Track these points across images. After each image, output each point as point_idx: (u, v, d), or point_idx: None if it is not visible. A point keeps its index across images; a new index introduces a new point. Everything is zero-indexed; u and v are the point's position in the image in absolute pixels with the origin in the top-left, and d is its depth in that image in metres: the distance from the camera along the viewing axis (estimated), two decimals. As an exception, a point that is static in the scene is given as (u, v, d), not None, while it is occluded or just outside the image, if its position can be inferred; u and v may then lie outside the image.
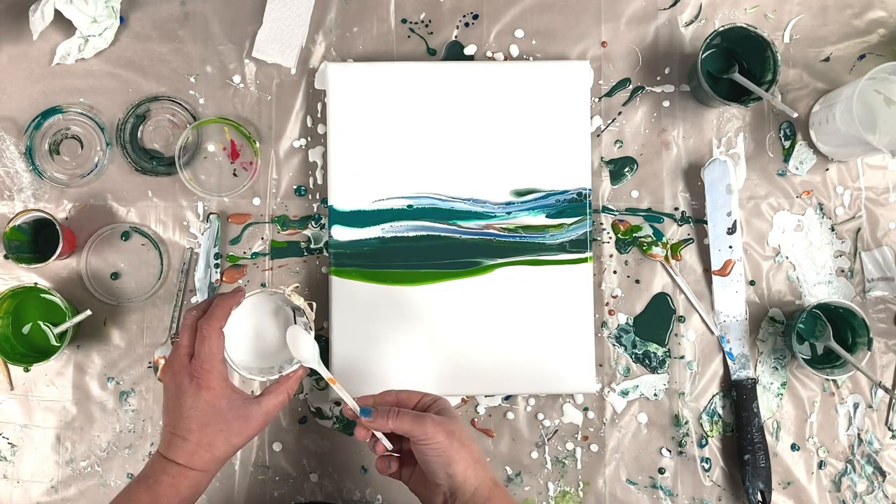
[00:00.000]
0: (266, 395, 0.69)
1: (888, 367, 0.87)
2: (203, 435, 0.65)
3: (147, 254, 0.85)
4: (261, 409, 0.68)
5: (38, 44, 0.85)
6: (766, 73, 0.83)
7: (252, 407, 0.67)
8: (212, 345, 0.66)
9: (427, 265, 0.83)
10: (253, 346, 0.73)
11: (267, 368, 0.73)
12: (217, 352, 0.66)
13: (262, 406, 0.68)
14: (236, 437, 0.66)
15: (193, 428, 0.65)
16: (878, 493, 0.86)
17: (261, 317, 0.74)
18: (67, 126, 0.85)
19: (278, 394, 0.69)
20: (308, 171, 0.86)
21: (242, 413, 0.66)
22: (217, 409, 0.65)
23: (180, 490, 0.65)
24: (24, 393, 0.84)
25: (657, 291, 0.87)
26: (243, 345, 0.73)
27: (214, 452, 0.66)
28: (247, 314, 0.72)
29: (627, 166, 0.87)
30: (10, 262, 0.82)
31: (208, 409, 0.65)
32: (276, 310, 0.74)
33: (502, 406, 0.86)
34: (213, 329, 0.66)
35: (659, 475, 0.86)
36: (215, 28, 0.87)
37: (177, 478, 0.65)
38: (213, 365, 0.65)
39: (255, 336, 0.73)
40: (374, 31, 0.87)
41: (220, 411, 0.65)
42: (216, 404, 0.65)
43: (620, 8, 0.88)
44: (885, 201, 0.88)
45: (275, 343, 0.74)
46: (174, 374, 0.66)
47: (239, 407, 0.66)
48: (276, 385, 0.70)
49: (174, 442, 0.65)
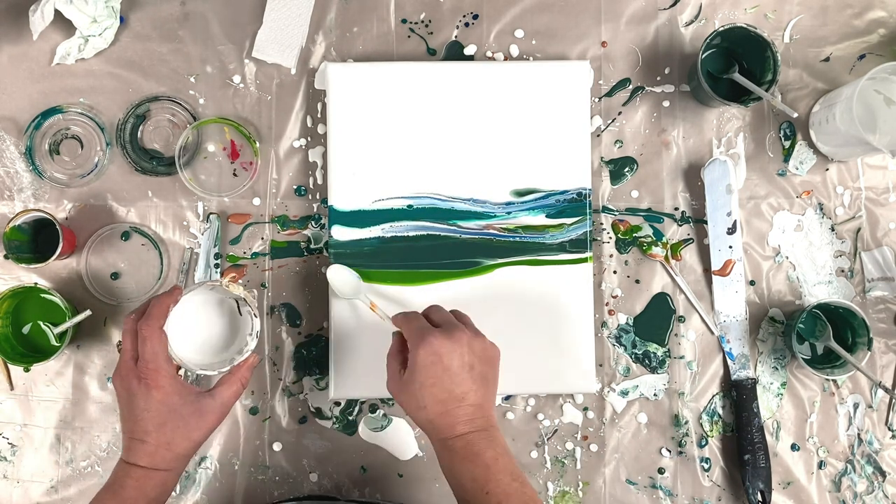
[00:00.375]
0: (219, 387, 0.69)
1: (888, 367, 0.87)
2: (160, 434, 0.65)
3: (147, 254, 0.85)
4: (215, 402, 0.68)
5: (38, 44, 0.85)
6: (766, 73, 0.83)
7: (206, 400, 0.68)
8: (154, 344, 0.66)
9: (427, 265, 0.83)
10: (203, 342, 0.74)
11: (219, 362, 0.74)
12: (160, 350, 0.66)
13: (216, 398, 0.68)
14: (195, 432, 0.67)
15: (150, 429, 0.65)
16: (878, 493, 0.86)
17: (207, 311, 0.75)
18: (67, 126, 0.85)
19: (231, 384, 0.70)
20: (308, 171, 0.86)
21: (197, 408, 0.67)
22: (170, 407, 0.66)
23: (146, 492, 0.65)
24: (24, 393, 0.84)
25: (657, 291, 0.87)
26: (193, 342, 0.74)
27: (175, 450, 0.66)
28: (192, 311, 0.74)
29: (627, 166, 0.87)
30: (10, 262, 0.82)
31: (161, 409, 0.65)
32: (220, 302, 0.75)
33: (502, 406, 0.86)
34: (152, 329, 0.67)
35: (659, 475, 0.86)
36: (215, 28, 0.87)
37: (141, 480, 0.65)
38: (158, 364, 0.66)
39: (204, 331, 0.74)
40: (374, 31, 0.87)
41: (173, 409, 0.66)
42: (168, 402, 0.66)
43: (620, 8, 0.88)
44: (885, 201, 0.88)
45: (224, 335, 0.75)
46: (122, 379, 0.67)
47: (192, 402, 0.67)
48: (229, 376, 0.70)
49: (133, 446, 0.66)
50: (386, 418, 0.85)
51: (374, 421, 0.85)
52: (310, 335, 0.85)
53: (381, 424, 0.85)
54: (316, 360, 0.85)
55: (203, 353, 0.74)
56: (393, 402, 0.85)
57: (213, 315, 0.75)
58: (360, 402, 0.85)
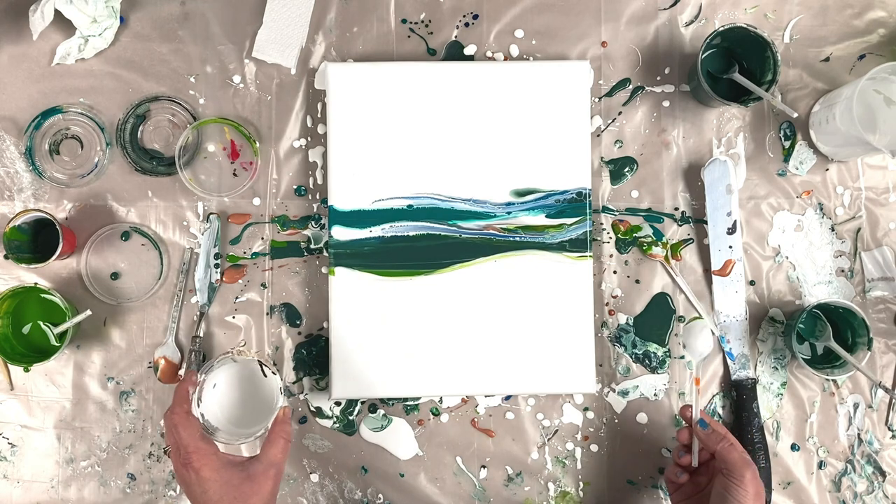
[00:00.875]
0: (264, 448, 0.71)
1: (888, 367, 0.87)
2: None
3: (147, 254, 0.85)
4: (263, 464, 0.69)
5: (38, 44, 0.85)
6: (766, 73, 0.83)
7: (254, 465, 0.69)
8: (186, 428, 0.68)
9: (427, 265, 0.83)
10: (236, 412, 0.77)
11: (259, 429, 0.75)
12: (193, 432, 0.68)
13: (262, 460, 0.70)
14: (252, 499, 0.68)
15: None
16: (878, 493, 0.86)
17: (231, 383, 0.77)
18: (67, 126, 0.85)
19: (275, 441, 0.71)
20: (308, 171, 0.86)
21: (248, 475, 0.68)
22: (223, 483, 0.67)
23: None
24: (24, 393, 0.84)
25: (657, 291, 0.87)
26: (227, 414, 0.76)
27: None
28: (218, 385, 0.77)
29: (627, 166, 0.87)
30: (10, 262, 0.82)
31: (215, 486, 0.67)
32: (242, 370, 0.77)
33: (502, 406, 0.86)
34: (179, 416, 0.68)
35: (659, 475, 0.86)
36: (215, 28, 0.87)
37: None
38: (197, 446, 0.67)
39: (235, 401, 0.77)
40: (374, 31, 0.87)
41: (225, 483, 0.67)
42: (219, 479, 0.67)
43: (620, 8, 0.88)
44: (885, 201, 0.88)
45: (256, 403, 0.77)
46: (177, 473, 0.69)
47: (242, 471, 0.68)
48: (270, 434, 0.72)
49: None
50: (386, 418, 0.85)
51: (374, 421, 0.85)
52: (310, 335, 0.85)
53: (381, 424, 0.85)
54: (316, 360, 0.85)
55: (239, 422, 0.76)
56: (393, 401, 0.85)
57: (239, 384, 0.77)
58: (360, 402, 0.85)
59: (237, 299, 0.85)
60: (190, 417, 0.69)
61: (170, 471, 0.84)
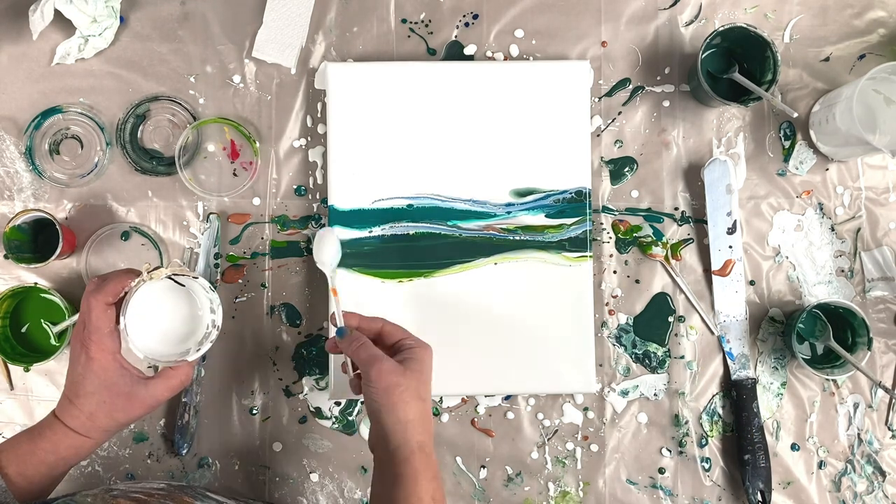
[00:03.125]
0: (156, 378, 0.68)
1: (888, 367, 0.87)
2: (86, 402, 0.66)
3: (147, 254, 0.85)
4: (147, 391, 0.67)
5: (37, 44, 0.85)
6: (766, 73, 0.83)
7: (138, 387, 0.67)
8: (98, 317, 0.66)
9: (427, 265, 0.83)
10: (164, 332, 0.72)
11: (177, 354, 0.71)
12: (102, 326, 0.66)
13: (148, 388, 0.68)
14: (119, 413, 0.67)
15: (80, 393, 0.66)
16: (878, 493, 0.86)
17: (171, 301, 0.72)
18: (67, 126, 0.85)
19: (169, 378, 0.69)
20: (308, 171, 0.86)
21: (128, 391, 0.67)
22: (102, 382, 0.66)
23: (59, 448, 0.66)
24: (24, 393, 0.84)
25: (657, 291, 0.87)
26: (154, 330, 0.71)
27: (95, 422, 0.66)
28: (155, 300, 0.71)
29: (627, 166, 0.87)
30: (10, 262, 0.82)
31: (94, 379, 0.66)
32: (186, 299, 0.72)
33: (502, 406, 0.86)
34: (97, 302, 0.66)
35: (659, 475, 0.86)
36: (215, 28, 0.87)
37: (57, 434, 0.66)
38: (99, 337, 0.66)
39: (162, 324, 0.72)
40: (374, 31, 0.87)
41: (105, 384, 0.66)
42: (102, 376, 0.66)
43: (620, 8, 0.88)
44: (885, 201, 0.88)
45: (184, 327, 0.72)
46: (73, 340, 0.67)
47: (125, 384, 0.67)
48: (169, 370, 0.69)
49: (63, 402, 0.67)
50: (386, 418, 0.85)
51: (374, 421, 0.85)
52: (310, 335, 0.85)
53: (381, 424, 0.85)
54: (316, 360, 0.85)
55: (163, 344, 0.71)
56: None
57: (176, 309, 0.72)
58: (360, 402, 0.85)
59: (237, 299, 0.85)
60: (106, 309, 0.66)
61: (170, 470, 0.84)
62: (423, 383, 0.68)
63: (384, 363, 0.66)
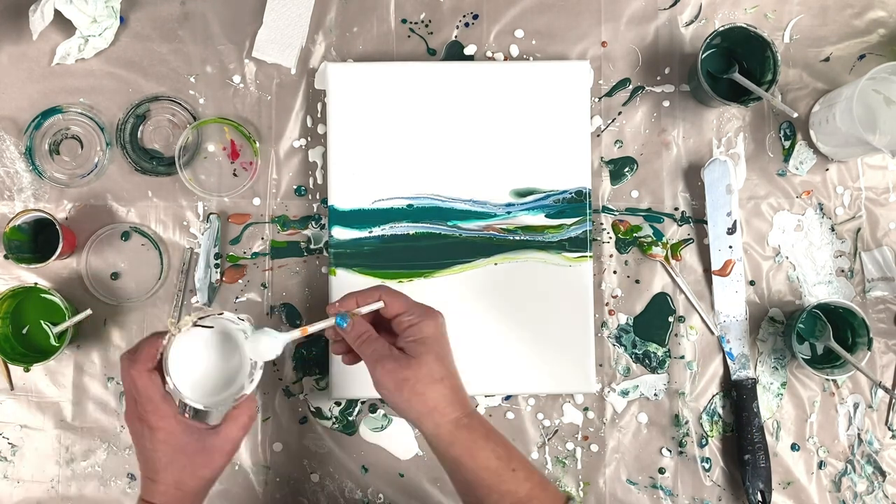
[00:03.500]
0: (225, 423, 0.67)
1: (888, 367, 0.87)
2: (168, 474, 0.65)
3: (147, 254, 0.85)
4: (221, 439, 0.66)
5: (38, 44, 0.85)
6: (766, 73, 0.83)
7: (211, 439, 0.66)
8: (145, 386, 0.64)
9: (427, 265, 0.83)
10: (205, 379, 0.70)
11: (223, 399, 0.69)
12: (153, 394, 0.64)
13: (220, 435, 0.66)
14: (203, 470, 0.66)
15: (158, 468, 0.65)
16: (878, 493, 0.86)
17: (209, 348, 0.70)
18: (67, 126, 0.85)
19: (237, 418, 0.67)
20: (308, 171, 0.86)
21: (203, 446, 0.65)
22: (174, 447, 0.65)
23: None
24: (24, 393, 0.84)
25: (657, 291, 0.87)
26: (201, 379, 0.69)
27: (184, 489, 0.65)
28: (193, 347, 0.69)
29: (627, 166, 0.87)
30: (10, 262, 0.82)
31: (166, 448, 0.64)
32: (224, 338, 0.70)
33: (502, 406, 0.86)
34: (139, 373, 0.64)
35: (659, 475, 0.86)
36: (215, 28, 0.87)
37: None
38: (154, 406, 0.64)
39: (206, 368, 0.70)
40: (374, 31, 0.87)
41: (178, 448, 0.65)
42: (172, 442, 0.64)
43: (620, 8, 0.88)
44: (885, 201, 0.88)
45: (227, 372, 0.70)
46: (128, 420, 0.66)
47: (197, 441, 0.65)
48: (235, 411, 0.67)
49: (146, 484, 0.65)
50: (386, 418, 0.85)
51: (374, 421, 0.85)
52: (310, 335, 0.85)
53: (381, 424, 0.85)
54: (316, 360, 0.85)
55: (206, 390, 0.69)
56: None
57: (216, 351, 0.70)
58: (360, 402, 0.85)
59: (237, 299, 0.85)
60: (150, 375, 0.65)
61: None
62: (436, 362, 0.65)
63: (387, 363, 0.64)
